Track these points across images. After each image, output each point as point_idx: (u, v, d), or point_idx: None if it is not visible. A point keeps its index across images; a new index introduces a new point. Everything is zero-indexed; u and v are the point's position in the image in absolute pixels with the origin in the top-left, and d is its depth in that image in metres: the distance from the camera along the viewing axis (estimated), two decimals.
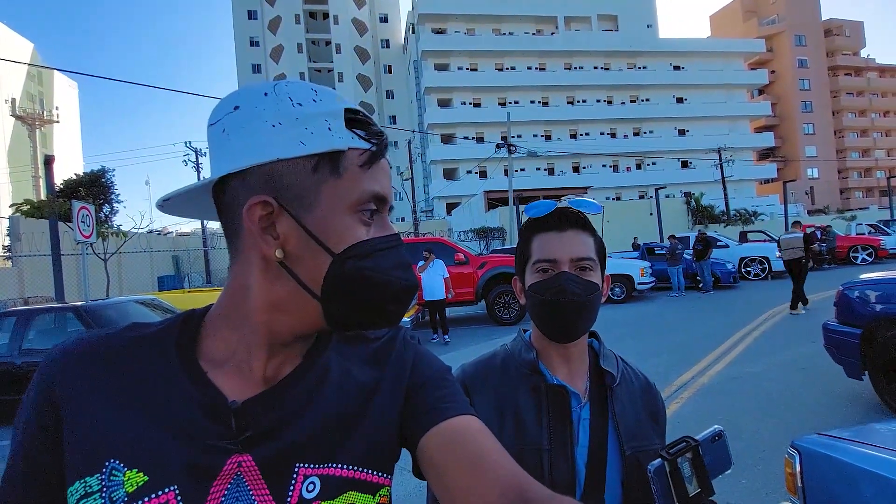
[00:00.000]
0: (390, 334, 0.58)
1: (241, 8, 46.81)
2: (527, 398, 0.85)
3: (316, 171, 0.46)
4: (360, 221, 0.47)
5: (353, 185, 0.47)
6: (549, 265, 0.84)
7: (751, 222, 23.17)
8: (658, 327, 8.14)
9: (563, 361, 0.87)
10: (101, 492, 0.43)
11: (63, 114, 57.19)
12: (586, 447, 0.82)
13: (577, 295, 0.81)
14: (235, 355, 0.49)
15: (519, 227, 19.06)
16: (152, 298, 6.38)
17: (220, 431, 0.46)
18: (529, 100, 41.73)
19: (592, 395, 0.86)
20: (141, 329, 0.51)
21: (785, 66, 52.06)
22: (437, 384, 0.54)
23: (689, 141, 42.63)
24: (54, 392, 0.46)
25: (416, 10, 41.63)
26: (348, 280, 0.46)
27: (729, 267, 12.74)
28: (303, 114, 0.46)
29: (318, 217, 0.46)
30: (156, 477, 0.43)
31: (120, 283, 15.30)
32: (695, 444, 0.70)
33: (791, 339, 6.32)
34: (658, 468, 0.67)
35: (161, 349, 0.49)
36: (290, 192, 0.46)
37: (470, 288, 9.41)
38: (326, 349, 0.54)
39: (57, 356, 0.48)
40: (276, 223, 0.46)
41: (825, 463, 1.57)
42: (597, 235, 0.88)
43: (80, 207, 8.11)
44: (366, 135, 0.48)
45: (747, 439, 3.41)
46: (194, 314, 0.53)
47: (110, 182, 16.17)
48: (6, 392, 5.00)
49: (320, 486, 0.47)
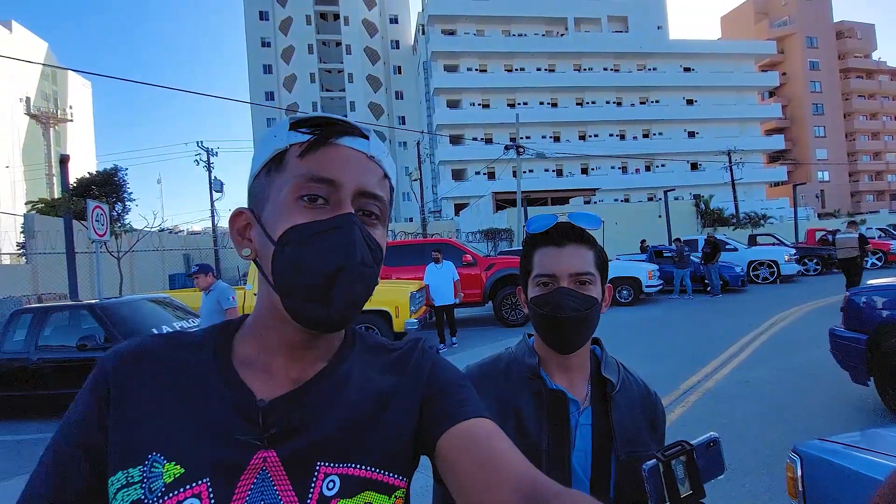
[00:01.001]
0: (409, 345, 0.62)
1: (253, 9, 47.16)
2: (528, 402, 0.88)
3: (268, 175, 0.52)
4: (300, 207, 0.49)
5: (290, 174, 0.50)
6: (549, 279, 0.87)
7: (760, 225, 22.99)
8: (665, 330, 8.13)
9: (563, 370, 0.91)
10: (141, 482, 0.46)
11: (77, 113, 57.89)
12: (585, 451, 0.86)
13: (574, 310, 0.84)
14: (261, 357, 0.54)
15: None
16: (164, 297, 6.48)
17: (249, 428, 0.49)
18: (538, 101, 41.65)
19: (594, 401, 0.89)
20: (187, 335, 0.57)
21: (796, 68, 51.52)
22: (453, 390, 0.57)
23: (699, 143, 42.33)
24: (107, 390, 0.50)
25: (427, 12, 41.71)
26: (287, 267, 0.48)
27: (737, 270, 12.66)
28: (263, 137, 0.54)
29: (268, 212, 0.51)
30: (190, 469, 0.46)
31: (132, 280, 15.50)
32: (689, 448, 0.74)
33: (798, 344, 6.29)
34: (652, 468, 0.71)
35: (201, 352, 0.54)
36: (255, 199, 0.53)
37: (477, 289, 9.44)
38: (349, 356, 0.57)
39: (111, 357, 0.53)
40: (251, 230, 0.53)
41: (826, 468, 1.59)
42: (597, 248, 0.90)
43: (94, 207, 8.25)
44: (308, 129, 0.50)
45: (752, 444, 3.42)
46: (232, 323, 0.59)
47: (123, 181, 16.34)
48: (23, 388, 5.12)
49: (340, 484, 0.49)
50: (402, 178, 36.95)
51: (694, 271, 12.86)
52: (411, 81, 49.14)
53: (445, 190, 38.01)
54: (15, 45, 54.65)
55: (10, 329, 5.35)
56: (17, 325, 5.37)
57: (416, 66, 47.59)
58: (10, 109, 54.53)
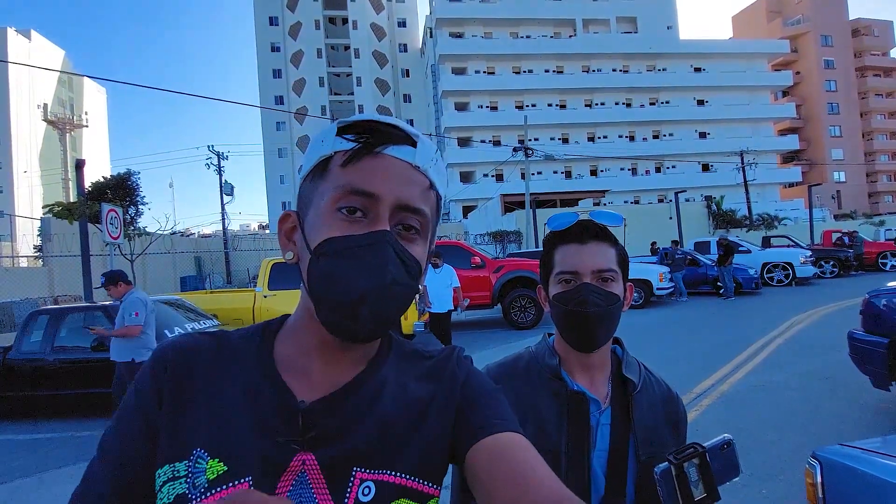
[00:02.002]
0: (445, 353, 0.61)
1: (263, 14, 47.72)
2: (548, 402, 0.88)
3: (313, 181, 0.52)
4: (339, 219, 0.49)
5: (331, 183, 0.49)
6: (571, 276, 0.86)
7: (774, 227, 22.67)
8: (677, 333, 8.03)
9: (585, 369, 0.90)
10: (186, 477, 0.47)
11: (92, 118, 58.94)
12: (605, 451, 0.85)
13: (598, 306, 0.84)
14: (299, 359, 0.54)
15: (535, 231, 19.02)
16: (177, 299, 6.55)
17: (289, 430, 0.49)
18: (547, 103, 41.55)
19: (614, 401, 0.88)
20: (231, 334, 0.58)
21: (810, 67, 50.81)
22: (487, 402, 0.56)
23: (711, 144, 41.91)
24: (162, 386, 0.52)
25: (434, 15, 41.86)
26: (320, 278, 0.48)
27: (751, 273, 12.49)
28: (312, 142, 0.54)
29: (310, 219, 0.51)
30: (233, 467, 0.47)
31: (144, 282, 15.71)
32: (702, 450, 0.72)
33: (815, 348, 6.18)
34: (664, 471, 0.70)
35: (245, 352, 0.55)
36: (301, 203, 0.54)
37: (486, 291, 9.41)
38: (385, 363, 0.57)
39: (166, 353, 0.54)
40: (296, 234, 0.54)
41: (847, 474, 1.55)
42: (619, 246, 0.90)
43: (108, 210, 8.39)
44: (353, 136, 0.50)
45: (768, 449, 3.35)
46: (273, 323, 0.59)
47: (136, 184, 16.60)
48: (40, 387, 5.20)
49: (375, 490, 0.49)
50: None
51: (706, 273, 12.73)
52: (419, 84, 49.33)
53: (453, 192, 38.05)
54: (33, 53, 55.91)
55: (28, 330, 5.44)
56: (34, 326, 5.46)
57: (424, 69, 47.76)
58: (29, 116, 55.74)
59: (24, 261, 15.34)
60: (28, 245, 14.88)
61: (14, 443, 4.61)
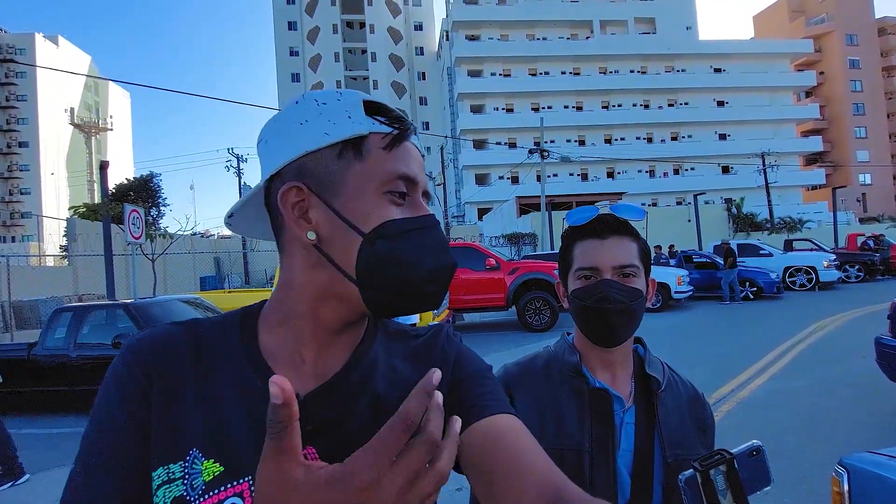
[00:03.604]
0: (433, 331, 0.60)
1: (282, 19, 48.53)
2: (569, 400, 0.85)
3: (341, 157, 0.48)
4: (389, 202, 0.48)
5: (377, 167, 0.48)
6: (591, 272, 0.84)
7: (797, 230, 22.12)
8: (696, 338, 7.88)
9: (606, 366, 0.87)
10: (182, 479, 0.45)
11: (116, 122, 60.56)
12: (629, 451, 0.82)
13: (619, 302, 0.81)
14: (287, 348, 0.52)
15: (551, 233, 18.89)
16: (196, 297, 6.67)
17: None
18: (563, 105, 41.29)
19: (638, 399, 0.86)
20: (206, 322, 0.54)
21: (835, 67, 49.56)
22: (478, 381, 0.55)
23: (731, 145, 41.14)
24: (144, 379, 0.48)
25: (451, 18, 42.00)
26: (380, 260, 0.47)
27: (773, 276, 12.21)
28: (326, 110, 0.49)
29: (346, 200, 0.48)
30: (230, 467, 0.46)
31: (164, 282, 16.03)
32: (729, 457, 0.68)
33: (839, 354, 6.00)
34: (689, 479, 0.66)
35: (227, 343, 0.52)
36: (319, 179, 0.48)
37: (501, 293, 9.37)
38: (372, 346, 0.55)
39: (141, 349, 0.50)
40: (310, 210, 0.48)
41: (876, 483, 1.50)
42: (640, 240, 0.86)
43: (131, 210, 8.58)
44: (386, 120, 0.49)
45: (790, 457, 3.26)
46: (251, 310, 0.56)
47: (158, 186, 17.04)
48: (62, 383, 5.33)
49: None
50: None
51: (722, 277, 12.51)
52: (435, 87, 49.50)
53: (469, 194, 38.02)
54: (61, 58, 57.70)
55: (52, 326, 5.59)
56: (59, 322, 5.61)
57: (440, 71, 47.91)
58: (56, 120, 57.51)
59: (51, 260, 15.79)
60: (54, 245, 15.32)
61: (34, 437, 4.71)
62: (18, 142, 57.04)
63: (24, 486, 3.57)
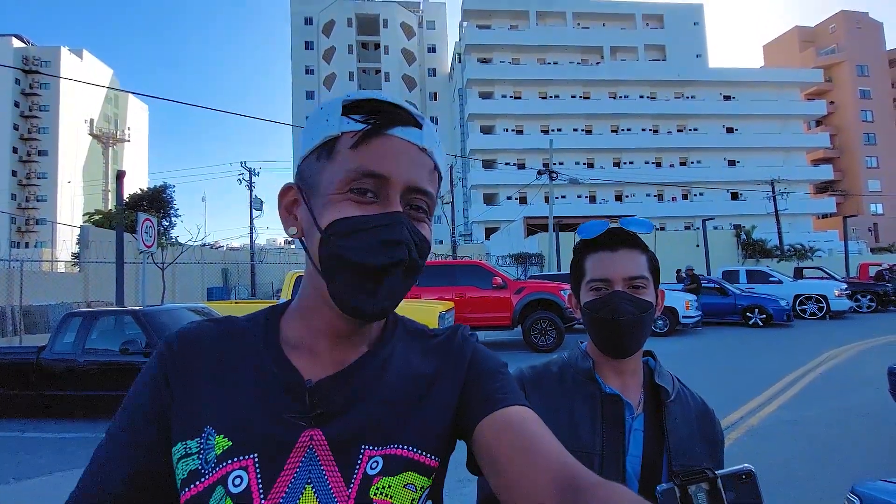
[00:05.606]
0: (450, 331, 0.62)
1: (300, 39, 49.88)
2: (582, 405, 0.87)
3: (318, 160, 0.51)
4: (350, 200, 0.49)
5: (341, 166, 0.49)
6: (603, 284, 0.87)
7: (807, 258, 21.89)
8: (703, 364, 7.77)
9: (617, 374, 0.90)
10: (198, 453, 0.49)
11: (134, 133, 61.90)
12: (637, 457, 0.84)
13: (630, 313, 0.84)
14: (306, 340, 0.55)
15: (558, 254, 18.85)
16: (202, 307, 6.70)
17: (296, 407, 0.50)
18: (572, 127, 41.67)
19: (647, 408, 0.88)
20: (237, 320, 0.59)
21: (845, 96, 49.72)
22: (493, 377, 0.57)
23: (740, 172, 41.11)
24: (169, 370, 0.53)
25: (464, 41, 42.86)
26: (332, 257, 0.49)
27: (783, 304, 12.06)
28: (315, 117, 0.52)
29: (318, 198, 0.50)
30: (238, 443, 0.49)
31: (173, 291, 16.14)
32: (713, 476, 0.68)
33: (850, 384, 5.88)
34: (667, 491, 0.67)
35: (251, 335, 0.56)
36: (305, 181, 0.52)
37: (507, 312, 9.33)
38: (391, 341, 0.58)
39: (172, 340, 0.56)
40: (298, 208, 0.54)
41: None
42: (649, 252, 0.89)
43: (144, 219, 8.73)
44: (361, 118, 0.49)
45: (801, 486, 3.19)
46: (278, 307, 0.60)
47: (170, 197, 17.29)
48: (71, 387, 5.36)
49: (383, 464, 0.50)
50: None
51: (734, 303, 12.37)
52: (446, 107, 50.28)
53: (476, 214, 38.16)
54: (85, 71, 59.44)
55: (61, 331, 5.64)
56: (68, 327, 5.66)
57: (452, 92, 48.71)
58: (76, 130, 58.93)
59: (62, 266, 15.99)
60: (67, 251, 15.53)
61: (41, 440, 4.73)
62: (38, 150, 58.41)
63: (30, 490, 3.57)
